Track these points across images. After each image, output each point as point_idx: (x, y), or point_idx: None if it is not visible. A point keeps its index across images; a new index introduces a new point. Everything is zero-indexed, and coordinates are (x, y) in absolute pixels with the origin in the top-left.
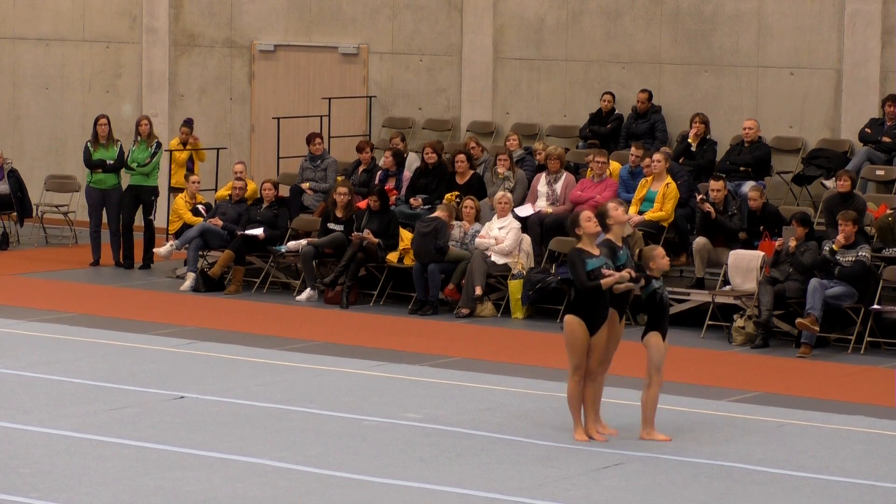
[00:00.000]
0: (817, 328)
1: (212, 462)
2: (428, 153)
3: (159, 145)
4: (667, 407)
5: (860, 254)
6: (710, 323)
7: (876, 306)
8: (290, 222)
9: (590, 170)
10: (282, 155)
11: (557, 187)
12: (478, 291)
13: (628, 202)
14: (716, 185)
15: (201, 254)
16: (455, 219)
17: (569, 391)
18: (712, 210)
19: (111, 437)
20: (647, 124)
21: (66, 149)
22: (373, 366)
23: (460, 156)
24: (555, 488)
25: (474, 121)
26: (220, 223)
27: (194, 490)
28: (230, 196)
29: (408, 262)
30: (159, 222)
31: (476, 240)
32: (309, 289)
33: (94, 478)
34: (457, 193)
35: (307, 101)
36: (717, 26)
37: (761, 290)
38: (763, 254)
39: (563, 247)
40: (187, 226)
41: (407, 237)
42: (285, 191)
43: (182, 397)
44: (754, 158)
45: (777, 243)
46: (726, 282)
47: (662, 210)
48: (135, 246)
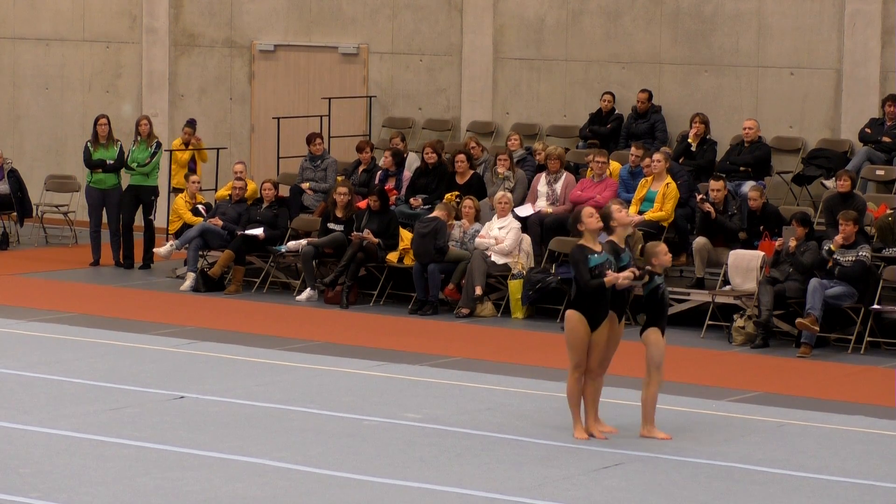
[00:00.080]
0: (817, 328)
1: (212, 462)
2: (428, 153)
3: (159, 145)
4: (667, 407)
5: (860, 254)
6: (710, 323)
7: (876, 306)
8: (290, 222)
9: (590, 170)
10: (282, 155)
11: (557, 187)
12: (478, 291)
13: (628, 202)
14: (716, 185)
15: (201, 254)
16: (454, 218)
17: (568, 388)
18: (712, 210)
19: (111, 437)
20: (647, 124)
21: (66, 149)
22: (373, 366)
23: (460, 156)
24: (555, 488)
25: (474, 121)
26: (220, 223)
27: (194, 490)
28: (230, 196)
29: (408, 262)
30: (159, 222)
31: (476, 240)
32: (309, 289)
33: (94, 478)
34: (457, 193)
35: (307, 101)
36: (717, 26)
37: (761, 290)
38: (763, 254)
39: (563, 247)
40: (187, 226)
41: (407, 237)
42: (285, 191)
43: (182, 397)
44: (754, 158)
45: (777, 243)
46: (726, 282)
47: (662, 210)
48: (135, 246)
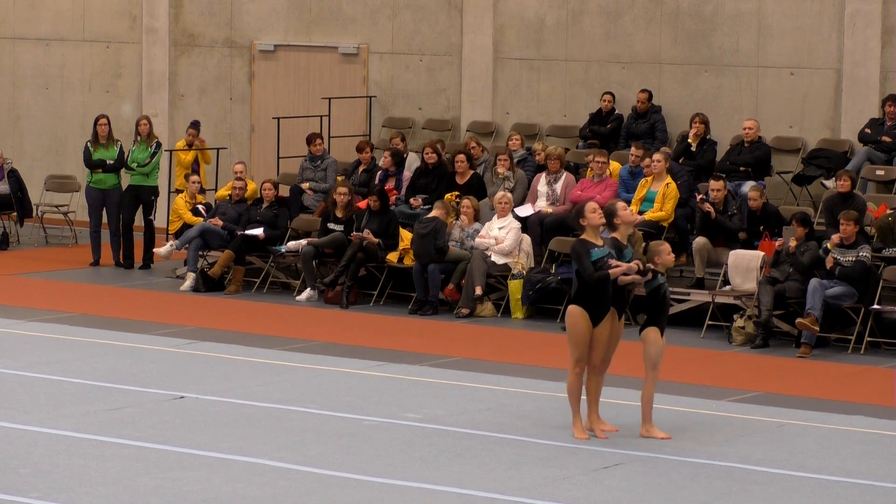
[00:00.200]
0: (817, 328)
1: (212, 462)
2: (428, 153)
3: (159, 145)
4: (667, 407)
5: (860, 254)
6: (710, 323)
7: (876, 306)
8: (290, 222)
9: (590, 170)
10: (282, 155)
11: (557, 187)
12: (478, 291)
13: (628, 202)
14: (716, 185)
15: (201, 254)
16: (454, 217)
17: (569, 384)
18: (712, 210)
19: (111, 437)
20: (647, 124)
21: (66, 149)
22: (373, 366)
23: (460, 156)
24: (555, 488)
25: (474, 121)
26: (220, 223)
27: (194, 490)
28: (230, 196)
29: (408, 262)
30: (159, 222)
31: (476, 240)
32: (309, 289)
33: (94, 478)
34: (457, 193)
35: (307, 101)
36: (717, 26)
37: (761, 290)
38: (763, 254)
39: (563, 247)
40: (187, 226)
41: (407, 237)
42: (285, 191)
43: (182, 397)
44: (754, 158)
45: (777, 243)
46: (726, 282)
47: (662, 210)
48: (135, 246)
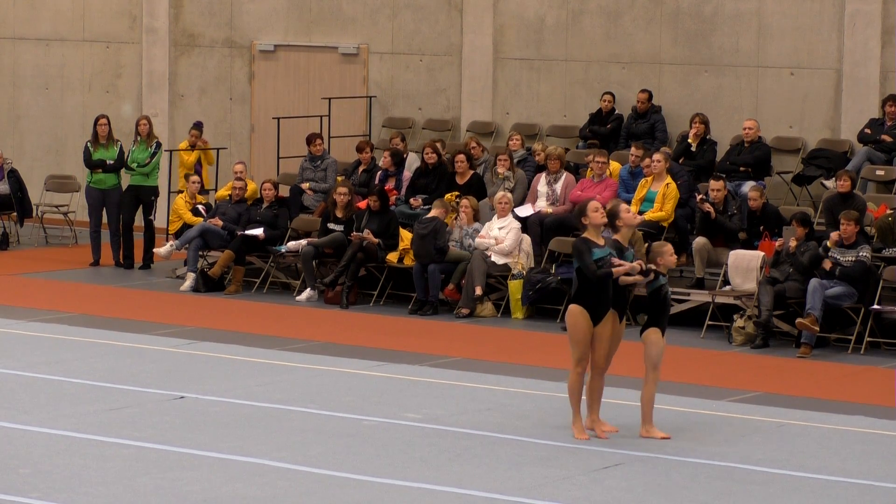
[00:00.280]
0: (817, 328)
1: (212, 462)
2: (428, 153)
3: (159, 145)
4: (667, 407)
5: (860, 254)
6: (710, 323)
7: (876, 306)
8: (290, 222)
9: (590, 170)
10: (282, 155)
11: (557, 187)
12: (478, 291)
13: (628, 202)
14: (716, 185)
15: (201, 254)
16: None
17: (570, 383)
18: (712, 210)
19: (111, 437)
20: (647, 124)
21: (66, 149)
22: (373, 366)
23: (460, 156)
24: (555, 488)
25: (474, 121)
26: (220, 223)
27: (194, 490)
28: (230, 196)
29: (408, 262)
30: (159, 222)
31: (476, 240)
32: (309, 289)
33: (94, 478)
34: (457, 193)
35: (307, 101)
36: (717, 26)
37: (761, 290)
38: (763, 254)
39: (563, 247)
40: (187, 226)
41: (407, 237)
42: (285, 191)
43: (182, 397)
44: (754, 158)
45: (777, 243)
46: (726, 282)
47: (662, 210)
48: (135, 246)
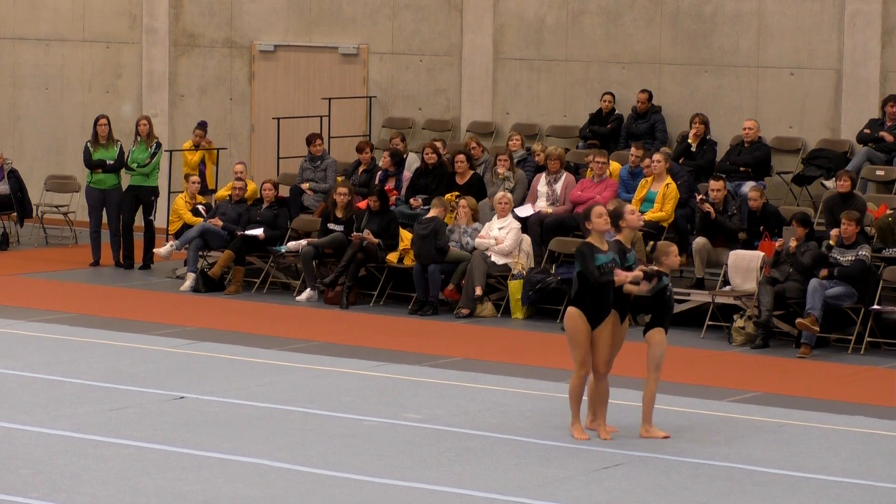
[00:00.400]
0: (817, 328)
1: (212, 462)
2: (428, 153)
3: (159, 145)
4: (667, 407)
5: (860, 253)
6: (710, 323)
7: (876, 306)
8: (290, 222)
9: (590, 170)
10: (282, 155)
11: (557, 187)
12: (478, 292)
13: (628, 202)
14: (716, 185)
15: (201, 254)
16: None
17: (571, 387)
18: (712, 210)
19: (111, 437)
20: (647, 124)
21: (66, 149)
22: (373, 366)
23: (460, 156)
24: (555, 488)
25: (474, 121)
26: (220, 223)
27: (194, 490)
28: (230, 196)
29: (408, 262)
30: (159, 222)
31: (476, 240)
32: (309, 289)
33: (94, 478)
34: (457, 194)
35: (307, 101)
36: (717, 26)
37: (761, 290)
38: (763, 254)
39: (563, 247)
40: (187, 226)
41: (407, 237)
42: (285, 191)
43: (182, 397)
44: (754, 159)
45: (777, 244)
46: (726, 282)
47: (662, 210)
48: (135, 246)
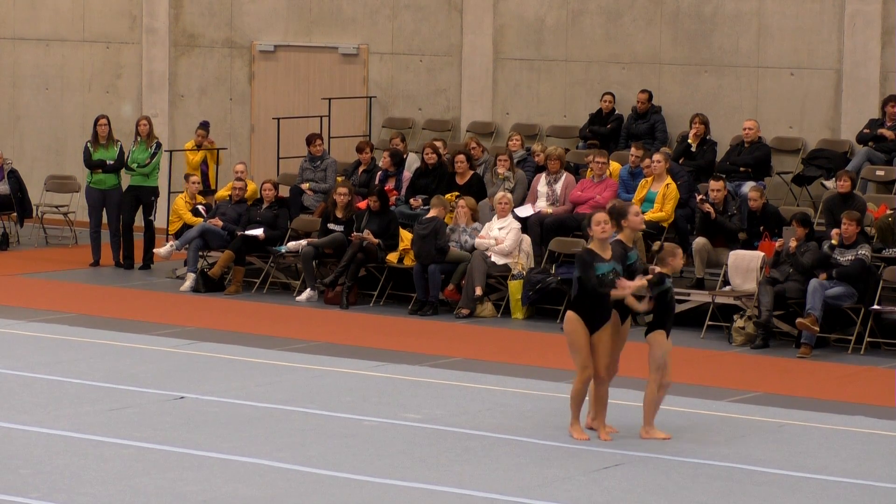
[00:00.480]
0: (817, 328)
1: (212, 462)
2: (428, 153)
3: (159, 145)
4: (666, 407)
5: (860, 252)
6: (710, 323)
7: (876, 307)
8: (290, 223)
9: (590, 170)
10: (282, 155)
11: (557, 188)
12: (478, 292)
13: (629, 203)
14: (716, 185)
15: (201, 254)
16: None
17: (573, 390)
18: (712, 210)
19: (111, 437)
20: (647, 125)
21: (66, 149)
22: (373, 366)
23: (460, 156)
24: (555, 488)
25: (474, 121)
26: (220, 223)
27: (194, 490)
28: (230, 196)
29: (408, 262)
30: (159, 223)
31: (476, 240)
32: (309, 289)
33: (94, 478)
34: (457, 194)
35: (307, 101)
36: (717, 26)
37: (761, 290)
38: (763, 254)
39: (563, 247)
40: (187, 226)
41: (407, 237)
42: (285, 191)
43: (182, 397)
44: (754, 159)
45: (777, 244)
46: (726, 282)
47: (662, 210)
48: (135, 246)
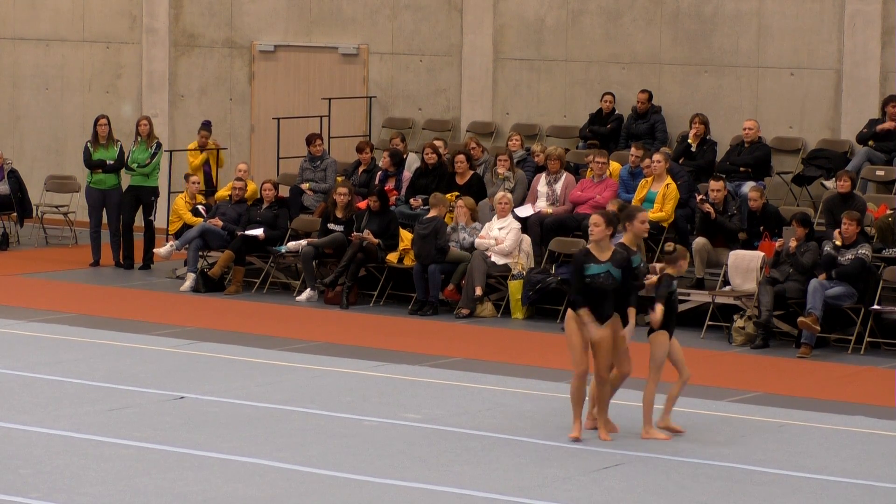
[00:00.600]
0: (818, 328)
1: (212, 462)
2: (428, 153)
3: (159, 146)
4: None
5: (860, 251)
6: (710, 323)
7: (876, 307)
8: (290, 223)
9: (590, 170)
10: (282, 155)
11: (557, 188)
12: (478, 292)
13: (628, 202)
14: (716, 185)
15: (201, 254)
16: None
17: (570, 389)
18: (712, 210)
19: (111, 437)
20: (647, 125)
21: (66, 149)
22: (373, 366)
23: (460, 156)
24: (555, 488)
25: (474, 121)
26: (220, 223)
27: (194, 490)
28: (230, 196)
29: (408, 262)
30: (159, 223)
31: (476, 240)
32: (309, 289)
33: (94, 478)
34: (457, 194)
35: (307, 101)
36: (717, 26)
37: (761, 290)
38: (763, 254)
39: (563, 247)
40: (187, 226)
41: (407, 237)
42: (285, 191)
43: (182, 397)
44: (754, 159)
45: (777, 244)
46: (726, 282)
47: (662, 211)
48: (135, 246)
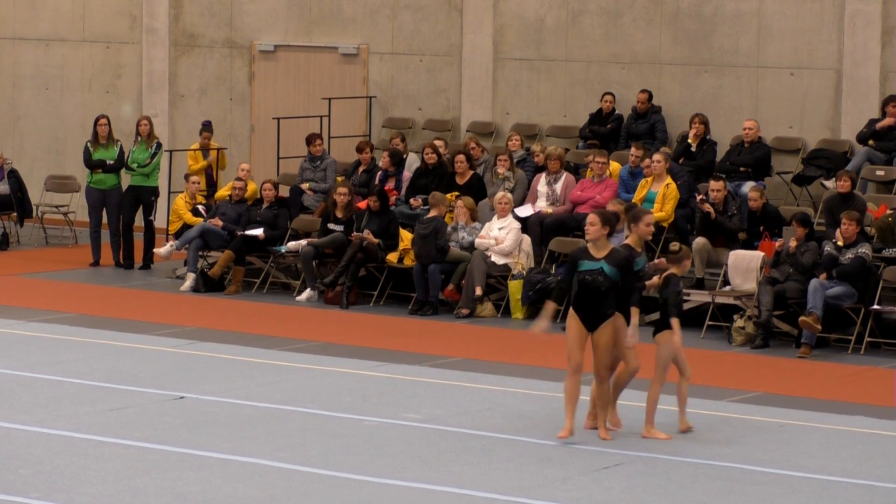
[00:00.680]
0: (819, 327)
1: (212, 462)
2: (428, 153)
3: (159, 146)
4: (668, 407)
5: (860, 251)
6: (710, 323)
7: (876, 306)
8: (290, 222)
9: (590, 170)
10: (282, 155)
11: (557, 188)
12: (478, 292)
13: (628, 202)
14: (716, 185)
15: (201, 254)
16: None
17: (564, 385)
18: (712, 210)
19: (111, 437)
20: (647, 125)
21: (66, 149)
22: (373, 366)
23: (460, 156)
24: (555, 488)
25: (474, 121)
26: (220, 223)
27: (194, 490)
28: (230, 196)
29: (408, 262)
30: (159, 223)
31: (476, 240)
32: (309, 289)
33: (94, 478)
34: (457, 194)
35: (307, 101)
36: (717, 26)
37: (761, 290)
38: (763, 254)
39: (563, 247)
40: (187, 226)
41: (407, 237)
42: (285, 191)
43: (182, 397)
44: (754, 159)
45: (777, 244)
46: (726, 282)
47: (663, 211)
48: (135, 246)
